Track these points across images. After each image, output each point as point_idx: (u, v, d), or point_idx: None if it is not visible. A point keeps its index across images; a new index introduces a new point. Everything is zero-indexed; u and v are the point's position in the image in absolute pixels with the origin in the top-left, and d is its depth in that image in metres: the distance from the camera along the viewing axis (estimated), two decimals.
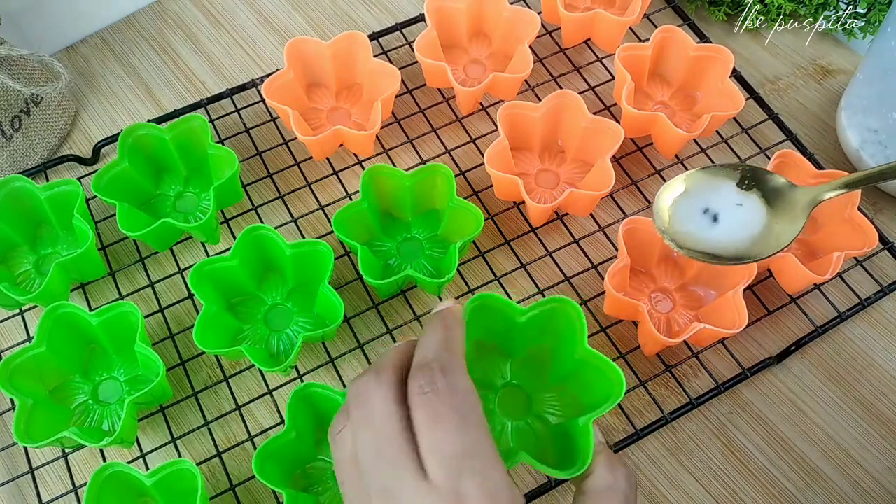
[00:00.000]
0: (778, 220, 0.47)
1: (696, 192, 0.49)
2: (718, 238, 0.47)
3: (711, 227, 0.48)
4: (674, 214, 0.48)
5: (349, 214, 0.55)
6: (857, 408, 0.55)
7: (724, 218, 0.48)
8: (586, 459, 0.38)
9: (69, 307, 0.51)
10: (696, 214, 0.48)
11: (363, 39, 0.61)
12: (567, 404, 0.47)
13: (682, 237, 0.47)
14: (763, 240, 0.46)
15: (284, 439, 0.47)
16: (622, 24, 0.64)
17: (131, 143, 0.58)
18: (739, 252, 0.46)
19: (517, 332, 0.46)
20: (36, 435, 0.48)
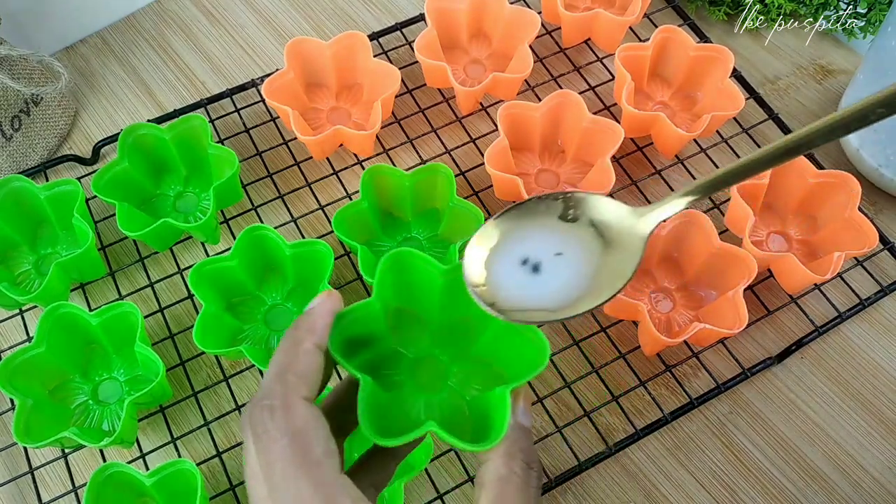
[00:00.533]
0: (614, 254, 0.38)
1: (513, 238, 0.38)
2: (541, 293, 0.37)
3: (532, 279, 0.38)
4: (490, 269, 0.37)
5: (349, 214, 0.55)
6: (857, 407, 0.55)
7: (547, 267, 0.38)
8: (498, 435, 0.33)
9: (69, 307, 0.51)
10: (513, 267, 0.38)
11: (363, 39, 0.61)
12: (489, 377, 0.40)
13: (501, 297, 0.37)
14: (597, 282, 0.37)
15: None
16: (622, 24, 0.64)
17: (131, 142, 0.58)
18: (569, 303, 0.37)
19: (437, 295, 0.40)
20: (36, 435, 0.48)
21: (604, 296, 0.36)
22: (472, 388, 0.40)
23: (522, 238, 0.38)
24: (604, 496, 0.52)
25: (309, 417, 0.31)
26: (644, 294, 0.56)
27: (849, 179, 0.55)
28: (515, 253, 0.38)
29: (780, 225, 0.59)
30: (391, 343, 0.39)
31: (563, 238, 0.38)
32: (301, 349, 0.33)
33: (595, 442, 0.53)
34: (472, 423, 0.38)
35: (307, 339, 0.33)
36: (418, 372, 0.39)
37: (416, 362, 0.40)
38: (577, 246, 0.38)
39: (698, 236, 0.54)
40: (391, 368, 0.39)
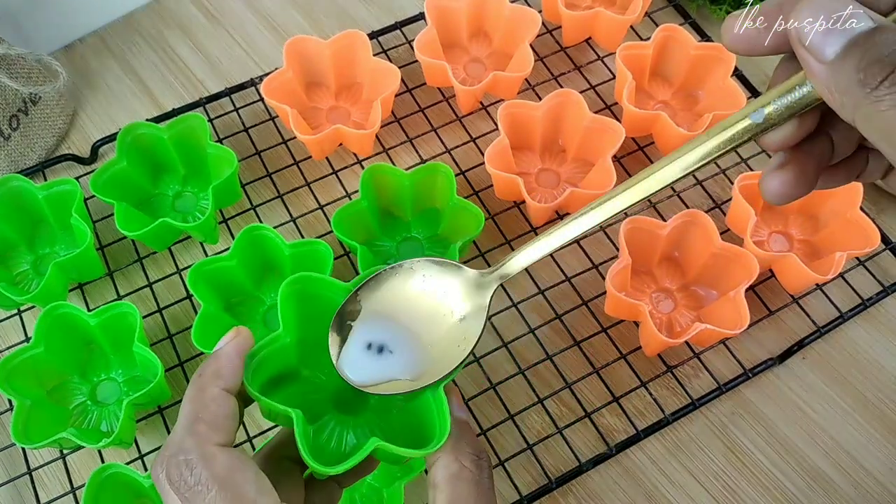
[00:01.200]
0: (463, 319, 0.37)
1: (363, 317, 0.37)
2: (389, 369, 0.37)
3: (378, 359, 0.37)
4: (340, 352, 0.37)
5: (349, 214, 0.55)
6: (859, 408, 0.54)
7: (393, 345, 0.37)
8: (443, 433, 0.33)
9: (67, 307, 0.51)
10: (360, 351, 0.37)
11: (363, 38, 0.61)
12: None
13: (352, 377, 0.36)
14: (445, 350, 0.37)
15: None
16: (623, 23, 0.63)
17: (130, 142, 0.57)
18: (417, 374, 0.36)
19: None
20: (34, 436, 0.48)
21: (452, 364, 0.36)
22: (394, 401, 0.39)
23: (372, 317, 0.38)
24: (605, 497, 0.52)
25: (231, 462, 0.30)
26: (645, 294, 0.56)
27: None
28: (361, 336, 0.37)
29: (781, 225, 0.59)
30: (305, 373, 0.38)
31: (413, 309, 0.38)
32: (207, 396, 0.32)
33: (596, 443, 0.53)
34: (406, 432, 0.37)
35: (213, 383, 0.32)
36: (339, 397, 0.39)
37: (335, 388, 0.39)
38: (425, 317, 0.38)
39: (700, 236, 0.54)
40: (313, 399, 0.38)
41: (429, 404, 0.35)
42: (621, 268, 0.52)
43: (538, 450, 0.52)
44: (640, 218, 0.54)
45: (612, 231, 0.59)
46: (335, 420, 0.38)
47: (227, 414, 0.32)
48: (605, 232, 0.59)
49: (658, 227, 0.54)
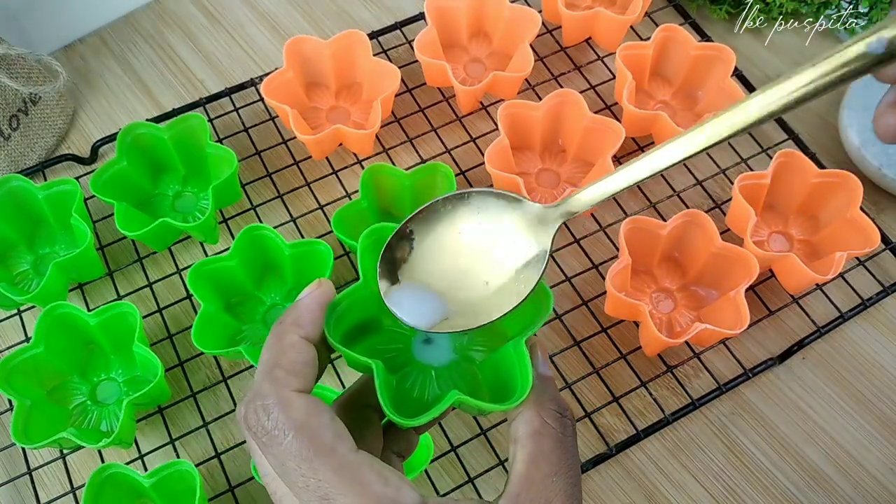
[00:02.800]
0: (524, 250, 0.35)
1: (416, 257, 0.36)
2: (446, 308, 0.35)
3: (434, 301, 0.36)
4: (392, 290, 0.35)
5: (349, 213, 0.55)
6: (859, 408, 0.54)
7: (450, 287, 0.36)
8: (525, 388, 0.32)
9: (67, 307, 0.51)
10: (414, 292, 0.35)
11: (363, 38, 0.61)
12: (492, 336, 0.38)
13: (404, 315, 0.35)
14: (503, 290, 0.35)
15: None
16: (623, 23, 0.63)
17: (130, 142, 0.57)
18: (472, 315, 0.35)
19: None
20: (34, 436, 0.48)
21: (508, 305, 0.34)
22: (477, 350, 0.38)
23: (425, 254, 0.36)
24: (605, 497, 0.52)
25: (308, 407, 0.30)
26: (645, 294, 0.56)
27: (850, 179, 0.55)
28: (415, 274, 0.36)
29: (781, 225, 0.59)
30: (387, 325, 0.38)
31: (468, 244, 0.36)
32: (286, 342, 0.32)
33: (596, 443, 0.53)
34: (488, 385, 0.36)
35: (292, 331, 0.32)
36: (422, 347, 0.37)
37: (416, 337, 0.38)
38: (483, 252, 0.36)
39: (700, 236, 0.54)
40: (393, 350, 0.37)
41: (511, 358, 0.34)
42: (621, 268, 0.52)
43: None
44: (641, 218, 0.54)
45: (613, 231, 0.59)
46: (417, 369, 0.37)
47: (305, 361, 0.31)
48: (605, 232, 0.59)
49: (658, 227, 0.54)
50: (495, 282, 0.35)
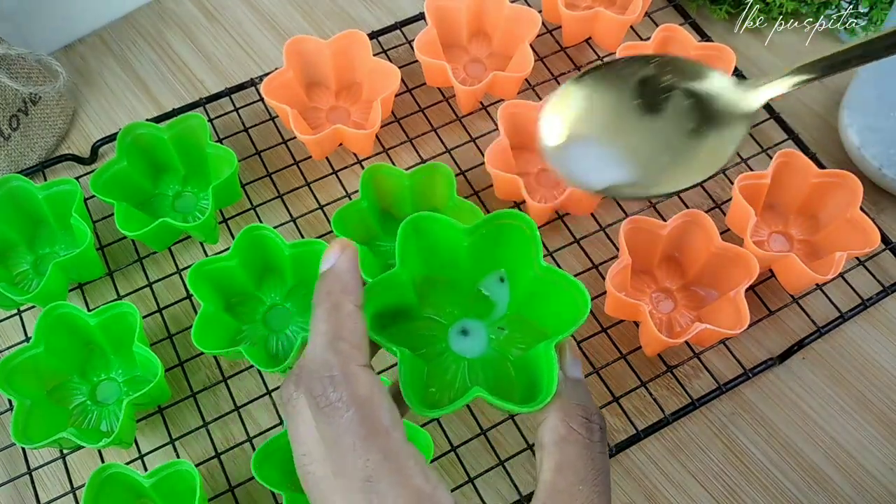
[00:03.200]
0: (710, 130, 0.34)
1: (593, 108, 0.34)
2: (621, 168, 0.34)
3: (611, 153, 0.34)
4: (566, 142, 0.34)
5: (349, 213, 0.55)
6: (859, 408, 0.54)
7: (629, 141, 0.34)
8: (549, 392, 0.32)
9: (67, 307, 0.51)
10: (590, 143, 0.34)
11: (363, 38, 0.61)
12: (532, 334, 0.38)
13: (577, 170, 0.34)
14: (688, 161, 0.33)
15: (283, 440, 0.47)
16: (623, 23, 0.63)
17: (130, 142, 0.57)
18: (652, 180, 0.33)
19: (464, 256, 0.38)
20: (34, 436, 0.48)
21: (696, 177, 0.32)
22: (515, 347, 0.38)
23: (603, 108, 0.34)
24: None
25: (372, 386, 0.30)
26: (645, 294, 0.56)
27: (850, 179, 0.55)
28: (594, 126, 0.34)
29: (781, 225, 0.59)
30: (424, 312, 0.38)
31: (649, 109, 0.34)
32: (344, 312, 0.31)
33: None
34: (520, 384, 0.36)
35: (346, 300, 0.31)
36: (456, 338, 0.38)
37: (452, 329, 0.38)
38: (666, 119, 0.34)
39: (700, 236, 0.54)
40: (427, 338, 0.38)
41: (542, 358, 0.33)
42: (621, 267, 0.52)
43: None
44: (641, 218, 0.54)
45: (612, 231, 0.59)
46: (452, 359, 0.37)
47: (363, 332, 0.31)
48: (605, 232, 0.59)
49: (658, 227, 0.54)
50: (681, 150, 0.34)
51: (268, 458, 0.47)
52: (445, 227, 0.37)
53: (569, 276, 0.36)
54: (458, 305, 0.39)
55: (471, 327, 0.38)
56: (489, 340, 0.38)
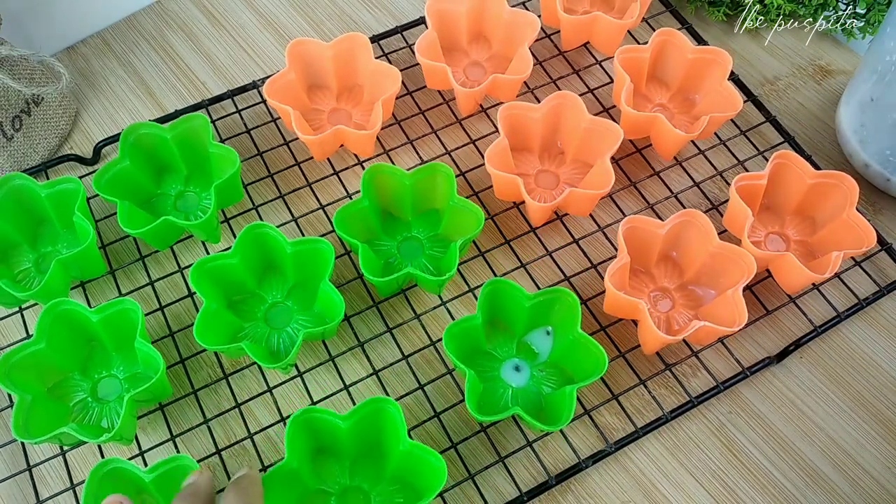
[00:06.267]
0: None
1: None
2: None
3: None
4: None
5: (350, 213, 0.55)
6: (857, 407, 0.55)
7: None
8: (567, 420, 0.48)
9: (69, 304, 0.51)
10: None
11: (364, 40, 0.62)
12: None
13: None
14: None
15: (286, 469, 0.47)
16: (621, 27, 0.64)
17: (132, 141, 0.58)
18: None
19: (523, 316, 0.53)
20: (34, 431, 0.48)
21: None
22: (547, 385, 0.53)
23: None
24: (603, 495, 0.52)
25: None
26: (643, 294, 0.56)
27: (846, 180, 0.56)
28: None
29: (778, 226, 0.59)
30: (487, 347, 0.52)
31: None
32: None
33: (595, 441, 0.53)
34: (548, 411, 0.49)
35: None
36: (509, 371, 0.53)
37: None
38: None
39: (697, 236, 0.55)
40: (492, 367, 0.53)
41: (564, 396, 0.49)
42: (620, 266, 0.53)
43: (538, 447, 0.52)
44: (639, 217, 0.54)
45: (611, 231, 0.60)
46: (500, 384, 0.53)
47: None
48: (604, 232, 0.60)
49: (656, 227, 0.55)
50: None
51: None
52: (515, 291, 0.52)
53: (595, 343, 0.50)
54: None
55: (521, 365, 0.53)
56: (531, 377, 0.53)
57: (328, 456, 0.49)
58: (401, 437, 0.46)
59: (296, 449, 0.46)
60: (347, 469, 0.49)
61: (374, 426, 0.48)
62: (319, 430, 0.48)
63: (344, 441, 0.48)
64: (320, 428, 0.47)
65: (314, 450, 0.49)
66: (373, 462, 0.49)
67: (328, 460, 0.49)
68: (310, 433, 0.48)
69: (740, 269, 0.53)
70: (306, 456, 0.48)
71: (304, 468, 0.47)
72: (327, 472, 0.49)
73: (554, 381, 0.53)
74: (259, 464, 0.52)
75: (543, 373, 0.53)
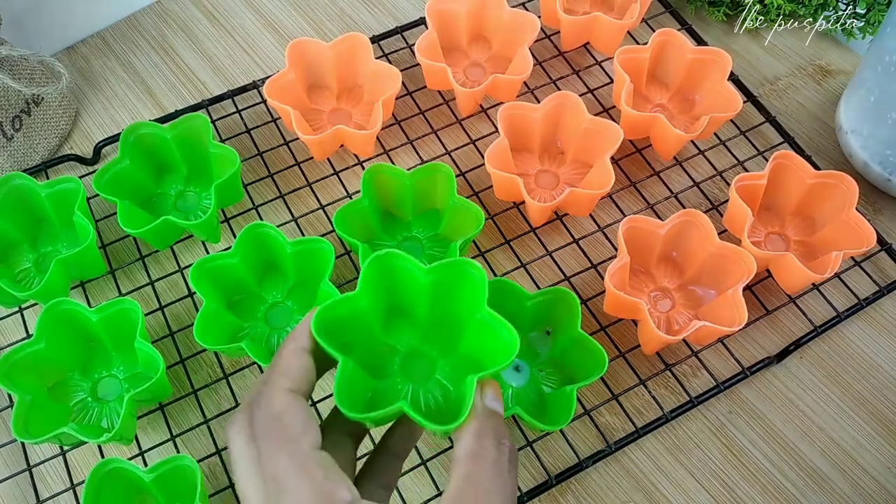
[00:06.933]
0: None
1: None
2: None
3: None
4: None
5: (350, 212, 0.55)
6: (857, 407, 0.55)
7: None
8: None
9: (69, 303, 0.51)
10: None
11: (364, 41, 0.62)
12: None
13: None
14: None
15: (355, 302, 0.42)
16: (621, 28, 0.64)
17: (133, 141, 0.58)
18: None
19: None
20: (34, 431, 0.48)
21: None
22: (546, 384, 0.51)
23: None
24: (603, 495, 0.52)
25: (287, 402, 0.34)
26: (643, 294, 0.56)
27: (846, 180, 0.56)
28: None
29: (778, 226, 0.59)
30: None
31: None
32: (284, 351, 0.36)
33: (595, 440, 0.53)
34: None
35: (289, 344, 0.37)
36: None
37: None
38: None
39: (697, 235, 0.55)
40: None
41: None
42: (620, 266, 0.53)
43: (538, 447, 0.52)
44: (639, 217, 0.55)
45: (611, 231, 0.60)
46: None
47: (297, 364, 0.36)
48: (604, 232, 0.60)
49: (656, 227, 0.55)
50: None
51: None
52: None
53: (595, 343, 0.50)
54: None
55: (521, 365, 0.53)
56: (531, 377, 0.52)
57: (402, 316, 0.43)
58: (479, 304, 0.40)
59: (370, 290, 0.40)
60: (420, 331, 0.43)
61: (454, 288, 0.42)
62: (398, 280, 0.41)
63: (421, 297, 0.42)
64: (400, 278, 0.41)
65: (389, 306, 0.42)
66: (446, 330, 0.43)
67: (401, 320, 0.43)
68: (388, 280, 0.41)
69: (740, 269, 0.53)
70: (381, 304, 0.42)
71: (376, 317, 0.42)
72: (399, 330, 0.43)
73: (554, 381, 0.53)
74: None
75: (543, 373, 0.53)
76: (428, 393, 0.41)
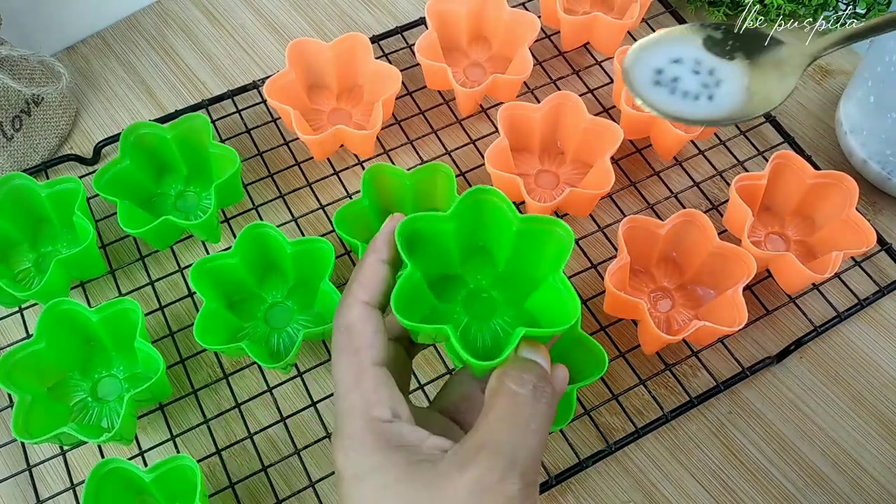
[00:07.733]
0: (764, 80, 0.46)
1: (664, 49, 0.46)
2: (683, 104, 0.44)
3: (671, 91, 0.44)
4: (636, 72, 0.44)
5: (350, 212, 0.55)
6: (857, 407, 0.55)
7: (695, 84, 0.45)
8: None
9: (69, 303, 0.51)
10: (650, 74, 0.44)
11: (364, 41, 0.62)
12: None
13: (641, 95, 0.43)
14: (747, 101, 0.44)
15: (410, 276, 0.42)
16: (621, 28, 0.64)
17: (133, 141, 0.58)
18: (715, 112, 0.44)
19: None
20: (34, 431, 0.48)
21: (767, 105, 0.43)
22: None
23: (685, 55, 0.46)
24: (603, 494, 0.52)
25: (358, 315, 0.37)
26: (643, 294, 0.56)
27: (846, 180, 0.56)
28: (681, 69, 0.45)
29: (778, 226, 0.59)
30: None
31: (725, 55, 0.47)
32: (364, 263, 0.38)
33: (595, 440, 0.53)
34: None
35: (370, 255, 0.38)
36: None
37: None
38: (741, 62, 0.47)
39: (697, 235, 0.55)
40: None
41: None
42: (620, 266, 0.53)
43: None
44: (639, 217, 0.55)
45: (611, 232, 0.60)
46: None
47: (374, 275, 0.38)
48: (604, 232, 0.60)
49: (656, 227, 0.55)
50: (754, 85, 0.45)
51: None
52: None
53: (595, 343, 0.49)
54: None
55: None
56: None
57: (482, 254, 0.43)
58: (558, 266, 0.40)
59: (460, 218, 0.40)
60: (494, 274, 0.42)
61: (539, 244, 0.41)
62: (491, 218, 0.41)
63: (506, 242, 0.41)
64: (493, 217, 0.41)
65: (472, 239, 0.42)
66: (519, 282, 0.42)
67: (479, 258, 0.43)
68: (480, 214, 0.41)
69: (740, 269, 0.53)
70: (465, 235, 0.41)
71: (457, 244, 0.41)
72: (474, 267, 0.43)
73: None
74: (259, 465, 0.52)
75: None
76: (479, 333, 0.41)
